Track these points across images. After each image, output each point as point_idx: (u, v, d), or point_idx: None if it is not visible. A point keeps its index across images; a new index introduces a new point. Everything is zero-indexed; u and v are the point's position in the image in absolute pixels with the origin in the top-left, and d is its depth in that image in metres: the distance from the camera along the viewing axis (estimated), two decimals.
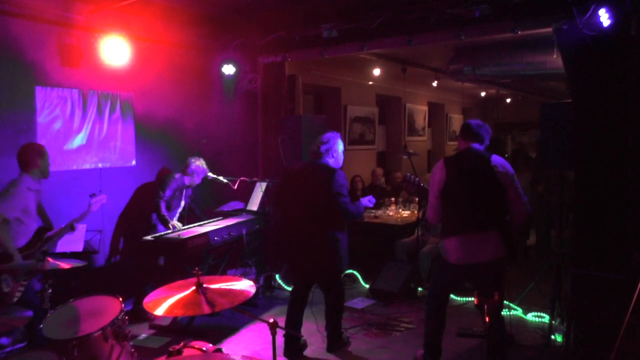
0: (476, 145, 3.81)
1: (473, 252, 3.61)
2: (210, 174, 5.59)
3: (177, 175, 5.27)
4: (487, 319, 2.40)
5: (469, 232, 3.63)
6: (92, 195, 4.32)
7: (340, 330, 4.47)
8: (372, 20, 5.37)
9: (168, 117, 5.90)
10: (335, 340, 4.43)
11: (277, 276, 6.14)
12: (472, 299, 5.18)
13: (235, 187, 5.67)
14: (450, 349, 4.33)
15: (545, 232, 7.35)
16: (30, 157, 4.02)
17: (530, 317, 5.08)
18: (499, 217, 3.67)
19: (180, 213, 5.41)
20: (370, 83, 9.75)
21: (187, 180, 5.31)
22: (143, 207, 5.39)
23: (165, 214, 5.12)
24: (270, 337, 2.33)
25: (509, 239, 3.64)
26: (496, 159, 3.69)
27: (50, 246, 4.02)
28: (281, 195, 4.30)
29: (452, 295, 5.40)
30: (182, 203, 5.39)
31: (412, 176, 4.68)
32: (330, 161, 4.15)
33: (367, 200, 4.32)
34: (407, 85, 10.04)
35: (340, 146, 4.24)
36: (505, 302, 4.85)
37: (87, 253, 4.74)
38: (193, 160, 5.34)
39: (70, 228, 4.13)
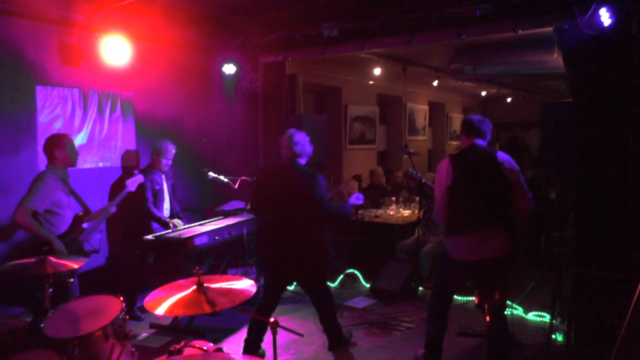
0: (479, 141, 3.77)
1: (478, 249, 3.60)
2: (211, 173, 5.59)
3: (148, 171, 5.16)
4: (487, 319, 2.40)
5: (475, 229, 3.61)
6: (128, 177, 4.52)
7: (340, 330, 4.43)
8: (372, 20, 5.37)
9: (169, 116, 5.90)
10: (338, 339, 4.39)
11: None
12: (473, 298, 5.19)
13: (236, 186, 5.67)
14: (451, 348, 4.33)
15: (536, 235, 7.02)
16: (50, 151, 4.12)
17: (531, 316, 5.08)
18: (504, 214, 3.66)
19: (172, 203, 5.37)
20: (371, 82, 9.75)
21: (157, 166, 5.22)
22: (136, 206, 5.34)
23: (160, 215, 5.11)
24: (271, 337, 2.34)
25: (514, 236, 3.64)
26: (502, 155, 3.68)
27: (90, 233, 4.32)
28: (260, 199, 4.17)
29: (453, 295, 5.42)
30: (166, 192, 5.31)
31: (414, 171, 4.65)
32: (303, 161, 4.10)
33: (355, 198, 4.27)
34: (407, 84, 10.03)
35: (310, 147, 4.16)
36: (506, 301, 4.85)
37: (88, 252, 4.74)
38: (157, 144, 5.23)
39: (107, 213, 4.39)
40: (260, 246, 4.36)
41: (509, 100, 14.21)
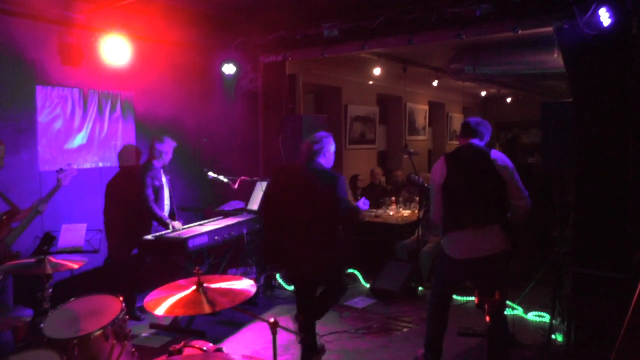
0: (475, 141, 3.83)
1: (475, 246, 3.61)
2: (211, 173, 5.59)
3: (149, 168, 5.14)
4: (487, 319, 2.40)
5: (471, 227, 3.62)
6: (59, 171, 4.20)
7: (315, 336, 4.16)
8: (372, 20, 5.37)
9: (168, 116, 5.89)
10: (311, 349, 4.09)
11: (277, 275, 6.14)
12: (473, 298, 5.19)
13: (236, 186, 5.67)
14: (451, 348, 4.33)
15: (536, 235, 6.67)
16: None
17: (531, 316, 5.08)
18: (500, 210, 3.67)
19: (171, 199, 5.36)
20: (371, 82, 9.74)
21: (157, 164, 5.17)
22: (136, 206, 5.33)
23: (162, 215, 5.10)
24: (271, 337, 2.34)
25: (512, 234, 3.64)
26: (495, 153, 3.72)
27: (19, 234, 3.96)
28: (274, 200, 4.06)
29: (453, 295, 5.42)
30: (166, 187, 5.29)
31: (416, 177, 4.68)
32: (322, 161, 4.00)
33: (362, 203, 4.21)
34: (407, 84, 10.03)
35: (332, 146, 4.08)
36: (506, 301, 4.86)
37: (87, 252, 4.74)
38: (157, 142, 5.16)
39: (36, 211, 4.05)
40: (266, 249, 4.29)
41: (509, 100, 14.21)
